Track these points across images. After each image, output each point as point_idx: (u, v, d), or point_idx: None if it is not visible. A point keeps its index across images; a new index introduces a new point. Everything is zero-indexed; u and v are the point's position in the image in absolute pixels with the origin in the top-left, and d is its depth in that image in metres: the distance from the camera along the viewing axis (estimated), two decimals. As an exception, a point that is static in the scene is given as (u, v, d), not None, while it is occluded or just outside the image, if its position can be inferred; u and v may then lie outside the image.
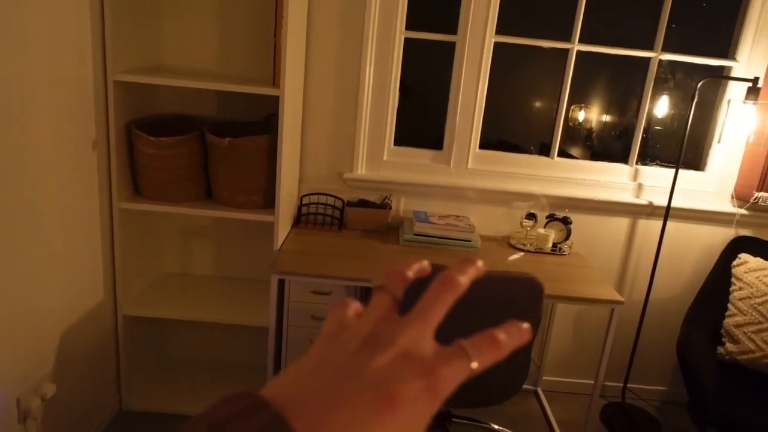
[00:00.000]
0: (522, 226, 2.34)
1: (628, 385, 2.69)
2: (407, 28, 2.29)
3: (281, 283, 1.90)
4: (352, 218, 2.30)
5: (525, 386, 2.67)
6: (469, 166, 2.41)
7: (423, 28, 2.30)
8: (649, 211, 2.43)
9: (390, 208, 2.33)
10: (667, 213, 2.32)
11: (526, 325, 0.36)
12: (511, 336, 0.35)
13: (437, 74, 2.38)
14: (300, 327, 1.89)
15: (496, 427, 2.23)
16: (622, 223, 2.45)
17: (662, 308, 2.57)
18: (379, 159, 2.39)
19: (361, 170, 2.37)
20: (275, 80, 1.96)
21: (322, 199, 2.34)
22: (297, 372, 0.31)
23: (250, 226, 2.37)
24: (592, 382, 2.67)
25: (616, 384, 2.68)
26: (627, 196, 2.43)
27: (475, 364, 0.33)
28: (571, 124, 2.57)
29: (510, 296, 1.71)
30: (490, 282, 1.68)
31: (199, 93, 2.25)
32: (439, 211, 2.41)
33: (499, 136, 2.52)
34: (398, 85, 2.35)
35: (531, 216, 2.33)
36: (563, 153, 2.49)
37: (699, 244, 2.49)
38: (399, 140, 2.42)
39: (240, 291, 2.30)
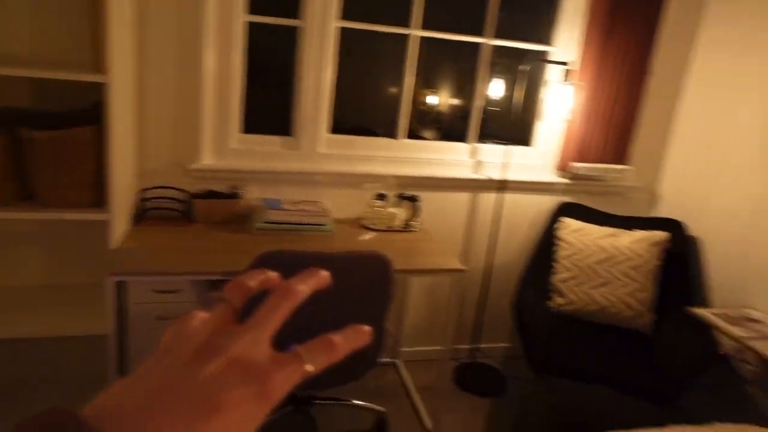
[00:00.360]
0: (373, 207, 2.42)
1: (478, 345, 2.94)
2: (251, 12, 2.23)
3: (121, 284, 1.78)
4: (200, 210, 2.22)
5: (384, 359, 2.80)
6: (319, 150, 2.43)
7: (268, 12, 2.25)
8: (487, 185, 2.65)
9: (240, 198, 2.28)
10: (503, 186, 2.54)
11: (366, 328, 0.38)
12: (348, 339, 0.37)
13: (287, 59, 2.35)
14: (144, 330, 1.79)
15: (358, 402, 2.31)
16: (464, 197, 2.64)
17: (504, 272, 2.83)
18: (226, 147, 2.32)
19: (207, 160, 2.29)
20: (100, 65, 1.80)
21: (166, 192, 2.22)
22: (122, 386, 0.31)
23: (83, 227, 2.18)
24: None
25: (468, 346, 2.91)
26: (468, 173, 2.62)
27: (309, 367, 0.35)
28: (422, 108, 2.70)
29: (360, 274, 1.77)
30: (341, 262, 1.72)
31: (8, 81, 2.00)
32: (292, 198, 2.41)
33: (354, 120, 2.57)
34: (244, 71, 2.28)
35: (381, 196, 2.42)
36: (415, 136, 2.61)
37: (531, 212, 2.77)
38: (249, 127, 2.37)
39: (75, 298, 2.11)
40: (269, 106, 2.45)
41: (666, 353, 2.23)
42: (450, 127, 2.72)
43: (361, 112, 2.62)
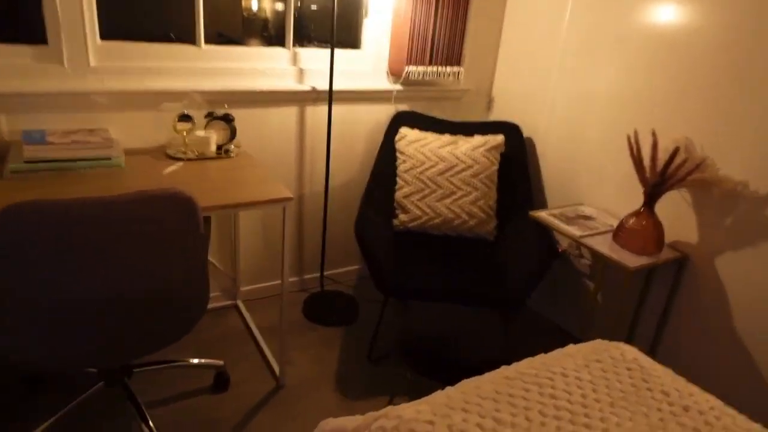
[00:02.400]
0: (177, 131, 1.97)
1: (326, 273, 2.72)
2: None
3: None
4: None
5: (224, 303, 2.47)
6: (91, 63, 1.87)
7: None
8: (314, 96, 2.31)
9: (-18, 132, 1.69)
10: (331, 96, 2.23)
11: None
12: None
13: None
14: None
15: (189, 361, 1.98)
16: (289, 112, 2.29)
17: (345, 192, 2.59)
18: (-53, 64, 1.67)
19: None
20: None
21: None
22: None
23: None
24: (292, 280, 2.62)
25: (316, 275, 2.68)
26: (290, 83, 2.25)
27: None
28: (245, 14, 2.23)
29: (157, 220, 1.38)
30: (125, 208, 1.31)
31: None
32: (65, 127, 1.86)
33: (137, 22, 2.02)
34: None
35: (185, 118, 1.97)
36: (232, 43, 2.14)
37: (366, 124, 2.51)
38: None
39: None
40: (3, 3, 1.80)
41: (510, 258, 2.20)
42: (277, 34, 2.29)
43: (147, 11, 2.07)
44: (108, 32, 1.90)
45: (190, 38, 2.06)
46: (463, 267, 2.14)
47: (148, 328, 1.53)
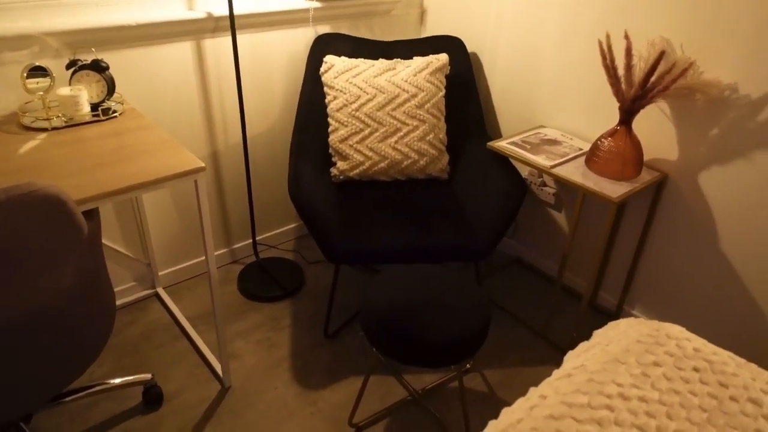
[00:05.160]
0: (30, 91, 1.45)
1: (258, 238, 2.34)
2: None
3: None
4: None
5: (140, 293, 2.05)
6: None
7: None
8: (211, 26, 1.82)
9: None
10: (233, 22, 1.75)
11: None
12: None
13: None
14: None
15: (110, 383, 1.59)
16: (183, 49, 1.79)
17: (267, 142, 2.17)
18: None
19: None
20: None
21: None
22: None
23: None
24: (219, 253, 2.22)
25: (248, 242, 2.30)
26: (180, 12, 1.74)
27: None
28: None
29: (19, 229, 0.95)
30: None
31: None
32: None
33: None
34: None
35: (38, 70, 1.45)
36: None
37: (282, 55, 2.06)
38: None
39: None
40: None
41: (472, 199, 1.92)
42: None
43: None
44: None
45: (24, -42, 1.49)
46: (421, 217, 1.83)
47: (42, 366, 1.13)
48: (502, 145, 1.90)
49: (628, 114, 1.66)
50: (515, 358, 1.87)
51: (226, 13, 1.81)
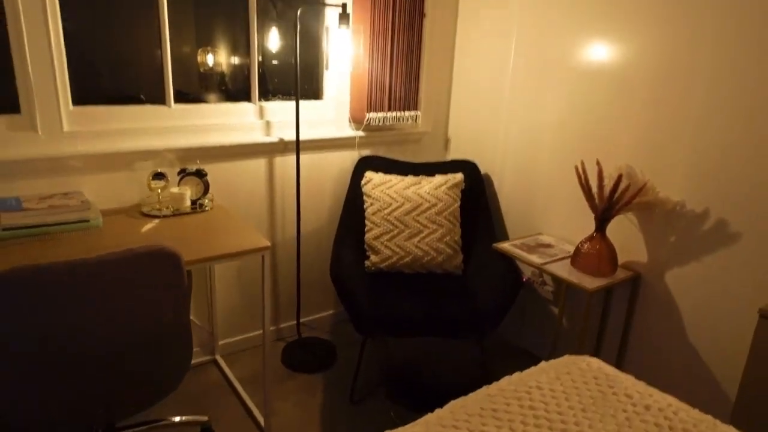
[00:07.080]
0: (151, 189, 2.03)
1: (302, 320, 2.76)
2: None
3: None
4: None
5: (202, 359, 2.47)
6: (65, 128, 1.93)
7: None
8: (281, 147, 2.42)
9: (-43, 202, 1.71)
10: (298, 146, 2.34)
11: None
12: None
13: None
14: None
15: (173, 419, 1.98)
16: (259, 164, 2.38)
17: (316, 238, 2.67)
18: None
19: None
20: None
21: None
22: None
23: None
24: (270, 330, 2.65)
25: (292, 323, 2.72)
26: (258, 136, 2.36)
27: None
28: (202, 69, 2.32)
29: (143, 276, 1.43)
30: (111, 268, 1.36)
31: None
32: (40, 192, 1.89)
33: (109, 87, 2.09)
34: None
35: (159, 176, 2.04)
36: (192, 100, 2.23)
37: (333, 171, 2.63)
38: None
39: None
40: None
41: (479, 289, 2.31)
42: (234, 88, 2.40)
43: (117, 76, 2.15)
44: (79, 98, 1.97)
45: (158, 98, 2.15)
46: (436, 300, 2.23)
47: (138, 384, 1.55)
48: (505, 246, 2.33)
49: (601, 222, 2.08)
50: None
51: (293, 138, 2.41)
